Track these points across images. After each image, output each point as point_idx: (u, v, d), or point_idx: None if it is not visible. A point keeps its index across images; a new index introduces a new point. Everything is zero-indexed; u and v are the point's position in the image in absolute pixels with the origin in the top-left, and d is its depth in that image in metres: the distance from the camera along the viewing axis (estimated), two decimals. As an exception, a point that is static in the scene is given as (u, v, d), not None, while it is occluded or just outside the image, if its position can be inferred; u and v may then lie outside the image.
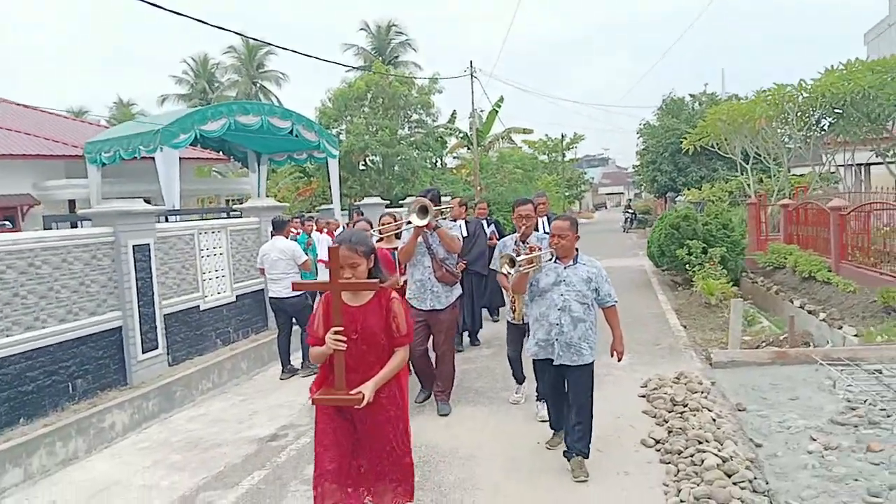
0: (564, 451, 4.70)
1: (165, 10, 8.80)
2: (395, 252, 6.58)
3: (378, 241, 6.80)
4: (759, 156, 20.41)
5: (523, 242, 5.48)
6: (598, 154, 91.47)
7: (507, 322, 6.13)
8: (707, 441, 4.76)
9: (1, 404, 5.96)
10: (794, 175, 22.25)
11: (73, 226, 9.02)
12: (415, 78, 26.50)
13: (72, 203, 15.86)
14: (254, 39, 34.70)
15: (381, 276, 3.40)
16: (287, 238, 8.46)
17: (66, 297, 6.75)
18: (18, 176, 15.58)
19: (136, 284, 7.54)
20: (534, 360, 4.82)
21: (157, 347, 7.79)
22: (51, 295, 6.58)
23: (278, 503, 4.69)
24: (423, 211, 5.75)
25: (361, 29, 38.31)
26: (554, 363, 4.59)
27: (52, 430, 5.91)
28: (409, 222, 5.93)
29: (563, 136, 46.31)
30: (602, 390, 6.24)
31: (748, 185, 21.20)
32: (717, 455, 4.48)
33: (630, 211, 37.80)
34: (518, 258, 4.52)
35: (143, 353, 7.58)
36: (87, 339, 6.95)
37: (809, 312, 10.47)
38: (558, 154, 45.90)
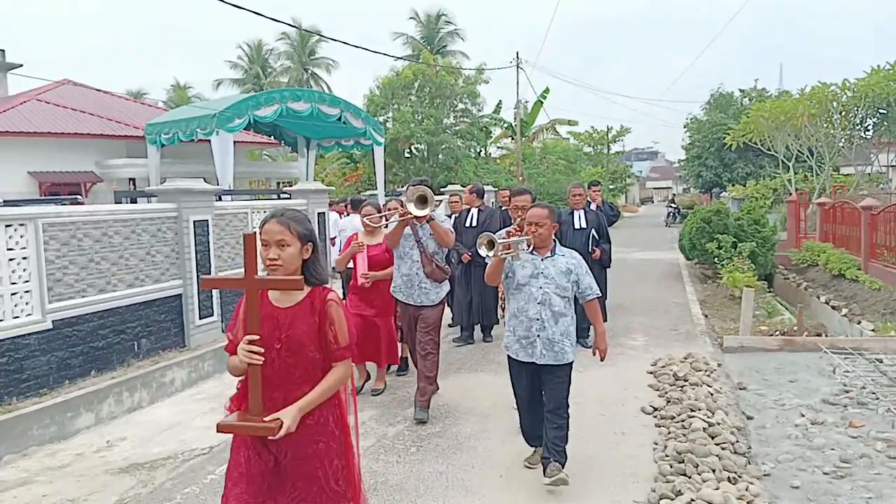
0: (543, 457, 4.32)
1: (225, 2, 9.53)
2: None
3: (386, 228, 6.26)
4: (803, 153, 20.45)
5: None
6: (647, 147, 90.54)
7: (500, 320, 5.46)
8: (699, 409, 5.26)
9: (76, 357, 6.76)
10: (841, 175, 22.18)
11: (133, 201, 9.85)
12: (462, 69, 27.00)
13: (132, 181, 16.86)
14: (306, 31, 35.52)
15: (316, 275, 2.70)
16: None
17: (135, 265, 7.53)
18: (83, 154, 16.61)
19: (196, 256, 8.29)
20: (510, 360, 4.45)
21: (212, 314, 8.54)
22: (121, 262, 7.36)
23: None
24: (423, 200, 5.22)
25: (411, 18, 39.12)
26: (536, 363, 4.27)
27: (120, 382, 6.69)
28: (407, 212, 5.31)
29: (608, 128, 46.32)
30: (615, 365, 6.81)
31: (791, 182, 21.25)
32: (704, 420, 4.99)
33: (673, 205, 37.72)
34: (499, 241, 4.13)
35: (200, 318, 8.34)
36: (151, 303, 7.73)
37: (833, 308, 10.79)
38: (603, 146, 45.89)
